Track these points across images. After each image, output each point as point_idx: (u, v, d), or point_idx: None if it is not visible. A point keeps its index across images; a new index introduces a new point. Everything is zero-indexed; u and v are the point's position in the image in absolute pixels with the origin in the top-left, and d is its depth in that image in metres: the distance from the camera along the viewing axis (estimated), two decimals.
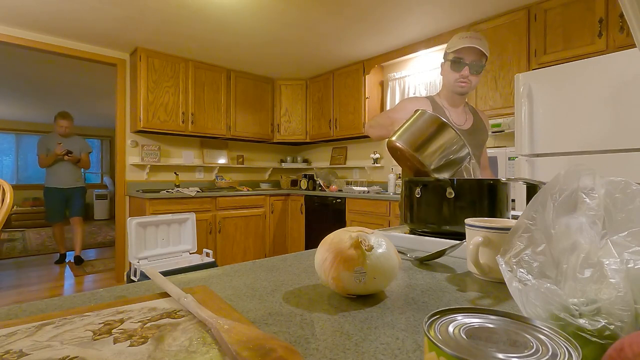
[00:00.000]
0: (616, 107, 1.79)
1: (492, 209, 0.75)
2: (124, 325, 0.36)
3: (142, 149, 3.73)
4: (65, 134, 3.96)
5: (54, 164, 3.87)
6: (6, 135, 7.53)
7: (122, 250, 3.57)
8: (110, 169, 8.60)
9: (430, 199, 0.78)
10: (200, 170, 4.19)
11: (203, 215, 3.43)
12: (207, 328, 0.35)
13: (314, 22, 2.92)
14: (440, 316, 0.25)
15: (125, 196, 3.64)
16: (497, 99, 2.68)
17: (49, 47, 3.22)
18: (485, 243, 0.53)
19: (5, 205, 1.72)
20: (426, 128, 0.89)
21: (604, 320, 0.26)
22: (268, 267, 0.61)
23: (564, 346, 0.21)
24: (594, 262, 0.29)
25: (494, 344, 0.22)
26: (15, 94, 5.60)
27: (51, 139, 3.90)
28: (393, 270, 0.46)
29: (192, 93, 3.74)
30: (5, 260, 4.30)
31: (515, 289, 0.31)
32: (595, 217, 0.33)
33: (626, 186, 0.34)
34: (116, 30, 3.10)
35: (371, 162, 4.00)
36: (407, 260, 0.67)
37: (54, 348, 0.31)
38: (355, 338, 0.35)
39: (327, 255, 0.46)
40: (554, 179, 0.38)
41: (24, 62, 4.06)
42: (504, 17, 2.65)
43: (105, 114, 7.02)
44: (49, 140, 3.90)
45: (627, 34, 2.11)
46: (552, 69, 2.02)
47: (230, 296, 0.47)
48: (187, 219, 2.67)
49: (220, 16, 2.83)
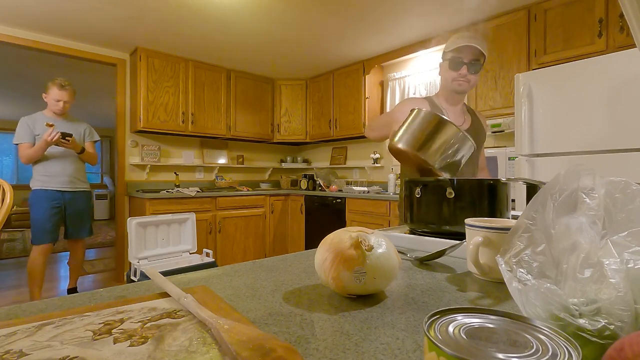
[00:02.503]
0: (616, 107, 1.79)
1: (492, 209, 0.75)
2: (124, 325, 0.36)
3: (142, 149, 3.73)
4: (64, 113, 2.73)
5: (46, 158, 2.66)
6: (6, 135, 7.53)
7: (122, 250, 3.57)
8: (110, 169, 8.59)
9: (430, 199, 0.78)
10: (200, 170, 4.19)
11: (203, 215, 3.43)
12: (207, 328, 0.35)
13: (314, 22, 2.92)
14: (440, 316, 0.25)
15: (125, 196, 3.64)
16: (497, 99, 2.68)
17: (49, 47, 3.22)
18: (485, 243, 0.53)
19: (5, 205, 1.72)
20: (425, 126, 0.88)
21: (604, 320, 0.26)
22: (268, 267, 0.61)
23: (564, 346, 0.21)
24: (594, 262, 0.29)
25: (494, 344, 0.22)
26: (15, 94, 5.60)
27: (38, 120, 2.64)
28: (393, 270, 0.46)
29: (192, 93, 3.74)
30: (5, 260, 4.30)
31: (515, 289, 0.31)
32: (595, 217, 0.33)
33: (626, 186, 0.34)
34: (116, 30, 3.10)
35: (371, 162, 4.00)
36: (407, 260, 0.67)
37: (54, 348, 0.31)
38: (355, 338, 0.35)
39: (327, 255, 0.46)
40: (554, 179, 0.38)
41: (24, 62, 4.06)
42: (504, 17, 2.65)
43: (105, 114, 7.02)
44: (35, 121, 2.62)
45: (627, 34, 2.11)
46: (552, 69, 2.02)
47: (230, 296, 0.47)
48: (187, 219, 2.67)
49: (220, 16, 2.83)
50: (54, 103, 2.66)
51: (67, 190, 2.72)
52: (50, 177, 2.65)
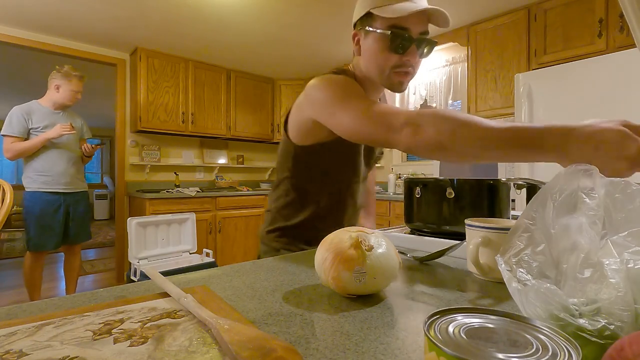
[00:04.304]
0: (616, 107, 1.79)
1: (492, 209, 0.75)
2: (124, 325, 0.36)
3: (142, 149, 3.73)
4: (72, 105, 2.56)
5: (42, 152, 2.40)
6: None
7: (122, 250, 3.57)
8: (110, 169, 8.59)
9: (430, 199, 0.78)
10: (200, 170, 4.19)
11: (203, 215, 3.43)
12: (207, 328, 0.35)
13: (314, 22, 2.92)
14: (440, 316, 0.25)
15: (125, 196, 3.64)
16: (497, 99, 2.68)
17: (49, 47, 3.22)
18: (485, 243, 0.53)
19: (5, 205, 1.72)
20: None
21: (604, 320, 0.26)
22: (268, 267, 0.61)
23: (564, 346, 0.21)
24: (594, 262, 0.29)
25: (494, 344, 0.22)
26: (15, 94, 5.60)
27: (36, 112, 2.41)
28: (393, 270, 0.46)
29: (192, 93, 3.74)
30: (5, 260, 4.30)
31: (515, 289, 0.31)
32: (595, 217, 0.33)
33: (626, 186, 0.34)
34: (116, 30, 3.10)
35: None
36: (407, 260, 0.67)
37: (54, 348, 0.31)
38: (355, 338, 0.35)
39: (327, 255, 0.46)
40: (554, 179, 0.38)
41: (24, 62, 4.06)
42: (504, 17, 2.65)
43: (105, 114, 7.02)
44: (31, 113, 2.39)
45: (627, 34, 2.11)
46: (552, 69, 2.02)
47: (230, 296, 0.47)
48: (187, 219, 2.67)
49: (220, 16, 2.83)
50: (71, 94, 2.48)
51: (68, 191, 2.51)
52: (50, 177, 2.41)
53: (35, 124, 2.38)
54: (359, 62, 0.84)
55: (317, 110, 0.77)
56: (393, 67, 0.77)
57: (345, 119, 0.70)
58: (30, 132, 2.37)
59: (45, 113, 2.44)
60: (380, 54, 0.76)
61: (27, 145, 2.33)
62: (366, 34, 0.78)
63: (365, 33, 0.78)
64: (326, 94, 0.75)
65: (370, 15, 0.75)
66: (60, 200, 2.48)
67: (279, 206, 0.97)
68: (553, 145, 0.49)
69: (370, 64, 0.79)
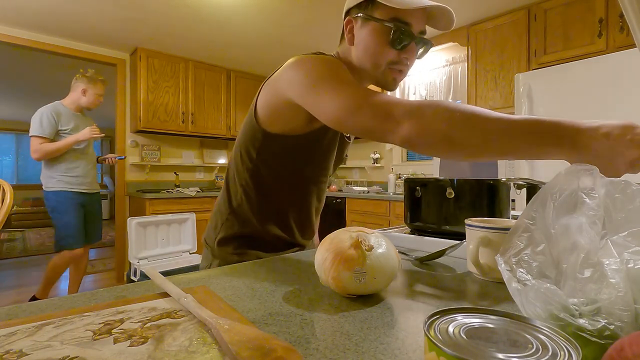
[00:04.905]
0: (616, 107, 1.79)
1: (492, 209, 0.75)
2: (124, 325, 0.36)
3: (142, 149, 3.73)
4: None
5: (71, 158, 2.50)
6: (6, 135, 7.53)
7: (122, 250, 3.57)
8: (110, 168, 8.59)
9: (430, 199, 0.79)
10: (200, 170, 4.19)
11: (203, 215, 3.43)
12: (207, 328, 0.35)
13: (314, 22, 2.92)
14: (440, 316, 0.25)
15: (125, 196, 3.64)
16: (497, 99, 2.68)
17: (49, 47, 3.22)
18: (485, 243, 0.53)
19: (5, 205, 1.72)
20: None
21: (604, 320, 0.26)
22: (268, 267, 0.61)
23: (564, 346, 0.21)
24: (594, 262, 0.29)
25: (494, 344, 0.22)
26: (15, 94, 5.60)
27: (63, 114, 2.49)
28: (393, 270, 0.46)
29: (192, 93, 3.74)
30: (5, 260, 4.30)
31: (515, 289, 0.31)
32: (595, 217, 0.33)
33: (626, 186, 0.34)
34: (116, 31, 3.10)
35: (371, 162, 4.00)
36: (407, 260, 0.67)
37: (54, 348, 0.31)
38: (355, 338, 0.35)
39: (327, 255, 0.46)
40: (554, 179, 0.38)
41: (24, 62, 4.06)
42: (504, 17, 2.65)
43: (105, 114, 7.01)
44: (60, 115, 2.46)
45: (627, 34, 2.11)
46: (552, 69, 2.02)
47: (230, 296, 0.47)
48: (187, 219, 2.68)
49: (220, 16, 2.83)
50: (96, 98, 2.60)
51: (89, 192, 2.61)
52: (76, 178, 2.51)
53: (64, 125, 2.45)
54: (349, 52, 0.75)
55: (297, 89, 0.64)
56: (389, 63, 0.71)
57: (335, 103, 0.59)
58: (59, 134, 2.44)
59: (70, 115, 2.52)
60: (379, 47, 0.69)
61: (57, 146, 2.39)
62: (364, 23, 0.69)
63: (363, 21, 0.70)
64: (312, 71, 0.64)
65: (372, 2, 0.68)
66: (82, 200, 2.55)
67: (235, 206, 0.83)
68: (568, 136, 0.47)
69: (365, 56, 0.71)
